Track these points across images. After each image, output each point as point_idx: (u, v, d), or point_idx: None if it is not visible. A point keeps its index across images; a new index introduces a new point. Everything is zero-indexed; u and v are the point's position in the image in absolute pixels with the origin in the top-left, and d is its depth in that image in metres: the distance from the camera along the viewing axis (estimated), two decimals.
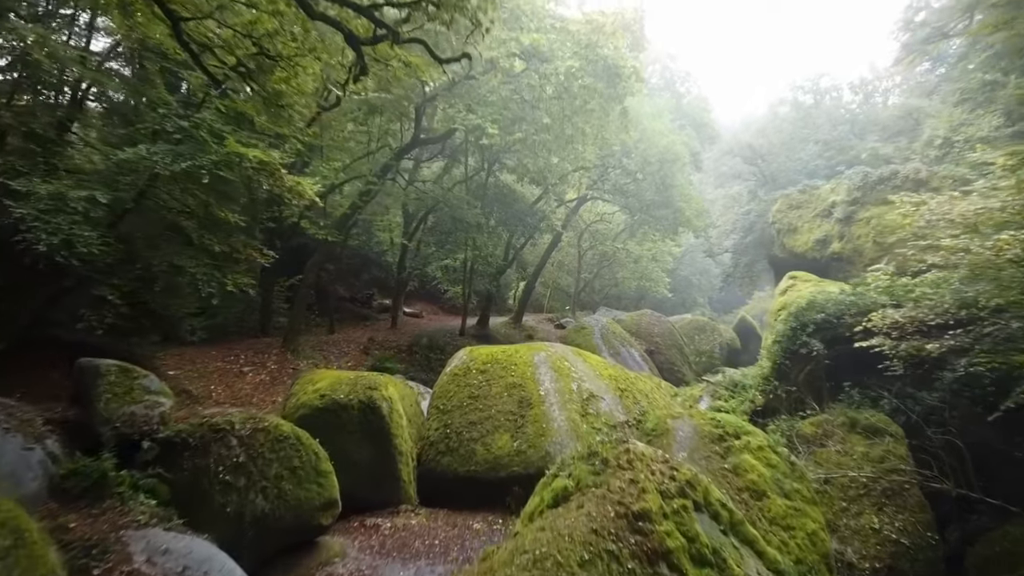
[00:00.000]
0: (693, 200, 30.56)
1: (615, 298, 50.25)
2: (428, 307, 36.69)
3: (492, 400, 11.68)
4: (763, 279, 36.04)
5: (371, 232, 31.47)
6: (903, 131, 30.08)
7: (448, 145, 27.20)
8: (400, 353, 24.03)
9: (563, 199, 31.09)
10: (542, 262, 33.57)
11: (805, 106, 36.09)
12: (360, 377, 11.51)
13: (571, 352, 13.11)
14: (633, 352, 31.33)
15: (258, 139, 13.34)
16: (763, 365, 14.29)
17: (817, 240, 23.24)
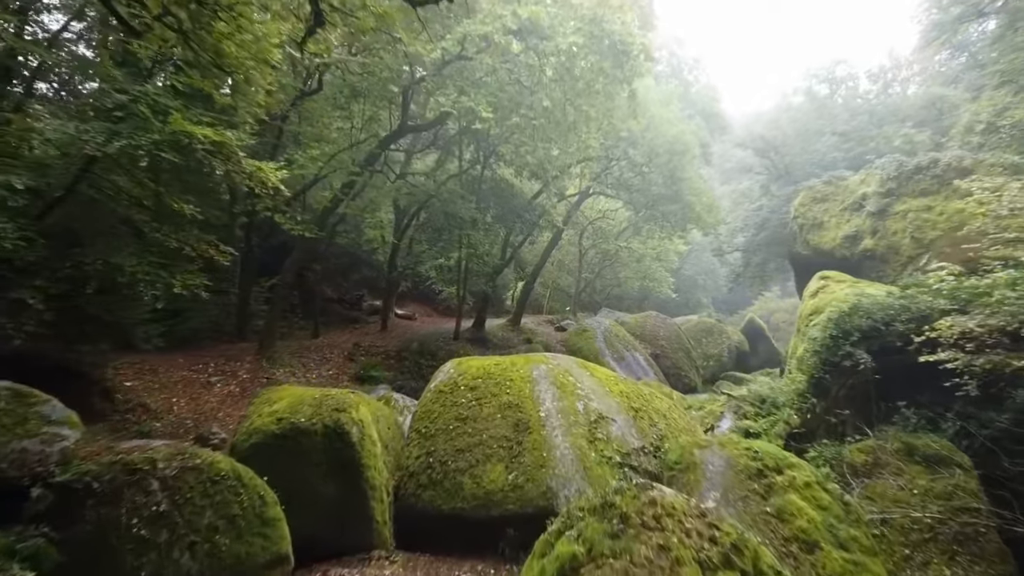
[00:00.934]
0: (704, 194, 28.73)
1: (617, 299, 48.50)
2: (422, 308, 34.92)
3: (483, 423, 9.87)
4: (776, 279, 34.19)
5: (361, 230, 29.69)
6: (926, 121, 28.33)
7: (441, 136, 25.44)
8: (388, 359, 22.25)
9: (564, 194, 29.26)
10: (541, 261, 31.76)
11: (820, 96, 34.27)
12: (326, 396, 9.69)
13: (575, 364, 11.27)
14: (638, 356, 29.60)
15: (215, 119, 11.55)
16: (796, 379, 12.52)
17: (846, 236, 21.22)
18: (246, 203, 18.22)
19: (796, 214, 23.77)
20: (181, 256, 12.23)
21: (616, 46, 17.17)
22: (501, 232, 26.71)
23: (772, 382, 13.79)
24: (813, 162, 29.84)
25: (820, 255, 21.59)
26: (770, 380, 14.09)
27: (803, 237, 22.86)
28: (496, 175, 25.75)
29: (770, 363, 38.45)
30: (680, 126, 27.61)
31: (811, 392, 11.30)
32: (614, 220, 37.76)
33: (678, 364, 31.06)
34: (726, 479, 8.26)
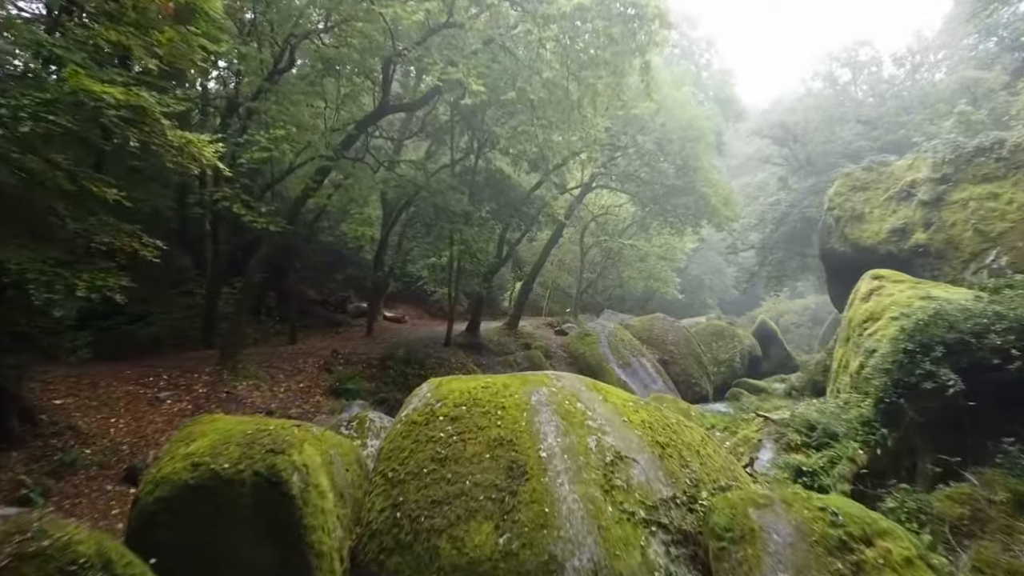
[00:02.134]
0: (720, 185, 26.48)
1: (619, 299, 46.35)
2: (412, 310, 32.72)
3: (467, 465, 7.58)
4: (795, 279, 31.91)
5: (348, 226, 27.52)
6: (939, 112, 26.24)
7: (431, 123, 23.17)
8: (370, 368, 19.98)
9: (565, 186, 26.97)
10: (541, 259, 29.49)
11: (841, 81, 32.03)
12: (261, 432, 7.40)
13: (584, 386, 8.94)
14: (645, 363, 27.45)
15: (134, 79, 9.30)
16: (851, 400, 10.29)
17: (893, 229, 18.69)
18: (202, 192, 16.01)
19: (831, 205, 21.36)
20: (88, 252, 9.94)
21: (627, 10, 14.91)
22: (497, 228, 24.50)
23: (822, 404, 11.51)
24: (837, 151, 27.58)
25: (860, 251, 19.22)
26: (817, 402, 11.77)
27: (840, 231, 20.46)
28: (491, 166, 23.53)
29: (783, 368, 36.23)
30: (694, 110, 25.39)
31: (879, 420, 9.07)
32: (618, 216, 35.51)
33: (688, 371, 28.86)
34: (798, 555, 5.99)
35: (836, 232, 20.60)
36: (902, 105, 28.36)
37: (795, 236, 28.71)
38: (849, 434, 9.38)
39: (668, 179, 24.48)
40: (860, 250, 19.21)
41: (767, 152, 32.20)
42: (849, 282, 19.85)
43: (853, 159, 26.42)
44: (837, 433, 9.82)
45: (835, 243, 20.64)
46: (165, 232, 20.00)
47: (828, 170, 27.55)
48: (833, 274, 22.67)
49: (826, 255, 22.04)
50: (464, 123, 22.22)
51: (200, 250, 20.96)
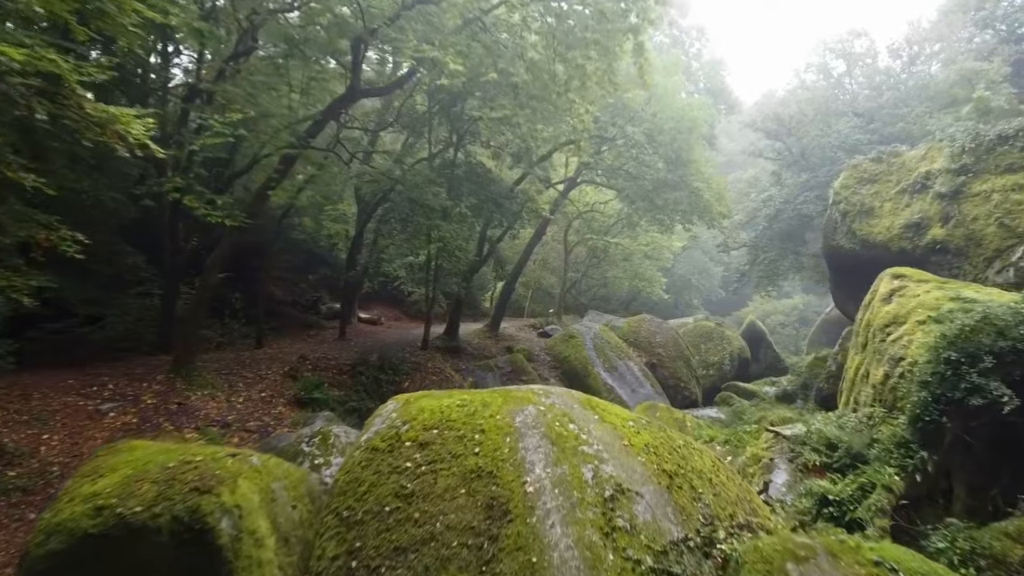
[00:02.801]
0: (713, 180, 25.25)
1: (603, 299, 45.19)
2: (389, 312, 31.36)
3: (438, 503, 6.26)
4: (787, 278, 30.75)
5: (320, 223, 26.12)
6: (958, 101, 25.14)
7: (406, 113, 21.81)
8: (340, 374, 18.61)
9: (550, 180, 25.66)
10: (523, 258, 28.19)
11: (836, 73, 30.87)
12: (185, 464, 6.04)
13: (577, 403, 7.62)
14: (632, 366, 26.29)
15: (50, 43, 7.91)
16: (882, 416, 9.04)
17: (907, 224, 17.30)
18: (150, 182, 14.60)
19: (837, 198, 19.98)
20: None
21: None
22: (477, 225, 23.21)
23: (836, 417, 10.28)
24: (834, 145, 26.41)
25: (870, 248, 17.90)
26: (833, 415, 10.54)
27: (847, 226, 19.06)
28: (472, 159, 22.22)
29: (772, 370, 35.27)
30: (686, 99, 24.18)
31: (917, 441, 7.87)
32: (604, 213, 34.27)
33: (677, 374, 27.73)
34: None
35: (843, 228, 19.28)
36: (899, 97, 27.28)
37: (789, 234, 27.54)
38: (882, 457, 8.15)
39: (658, 173, 23.23)
40: (870, 247, 17.93)
41: (759, 146, 31.00)
42: (857, 282, 18.62)
43: (850, 153, 25.33)
44: (863, 454, 8.61)
45: (841, 240, 19.34)
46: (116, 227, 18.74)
47: (824, 165, 26.42)
48: (838, 274, 21.32)
49: (831, 253, 20.67)
50: (443, 114, 20.93)
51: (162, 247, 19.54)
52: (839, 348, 17.87)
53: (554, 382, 23.94)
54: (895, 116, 26.27)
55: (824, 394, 17.70)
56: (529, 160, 20.62)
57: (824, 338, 38.54)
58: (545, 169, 25.47)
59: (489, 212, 21.67)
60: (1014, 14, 26.38)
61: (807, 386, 25.91)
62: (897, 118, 26.07)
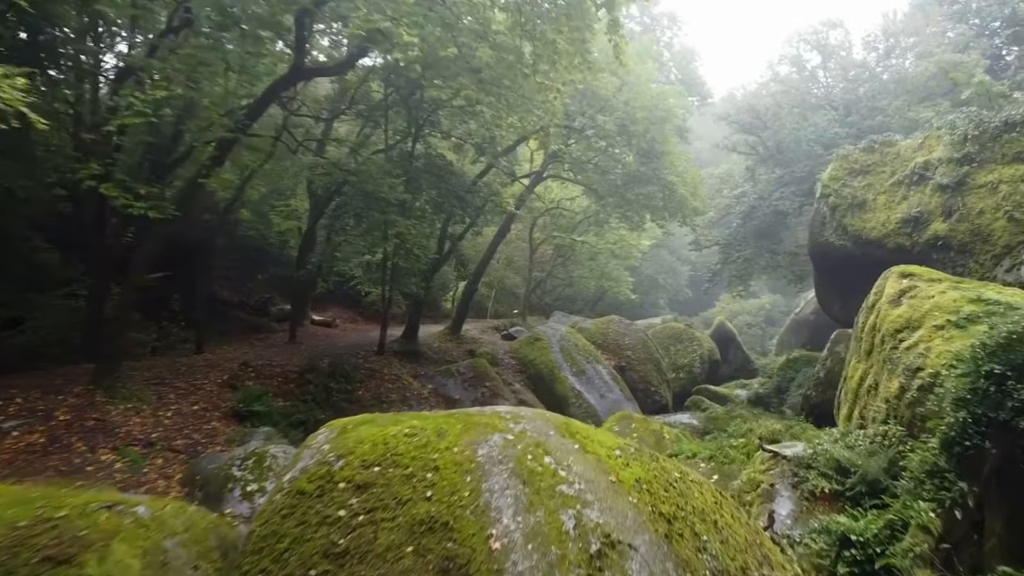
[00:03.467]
0: (688, 174, 24.08)
1: (569, 299, 44.02)
2: (345, 313, 29.74)
3: (378, 565, 4.81)
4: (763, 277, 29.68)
5: (269, 219, 24.51)
6: (935, 93, 24.40)
7: (361, 99, 20.28)
8: (287, 383, 17.04)
9: (514, 174, 24.27)
10: (487, 256, 26.76)
11: (810, 66, 29.96)
12: (40, 524, 4.53)
13: (553, 429, 6.12)
14: (600, 370, 25.10)
15: None
16: (898, 435, 7.82)
17: (904, 219, 15.87)
18: (64, 168, 12.95)
19: (826, 191, 18.89)
20: None
21: None
22: (438, 221, 21.79)
23: (841, 435, 9.05)
24: (811, 139, 25.41)
25: (863, 245, 16.58)
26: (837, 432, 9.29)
27: (837, 222, 17.66)
28: (432, 151, 20.79)
29: (742, 372, 34.42)
30: (660, 87, 22.96)
31: (954, 470, 6.67)
32: (571, 210, 33.02)
33: (647, 378, 26.58)
34: None
35: (832, 223, 17.90)
36: (876, 90, 26.42)
37: (764, 231, 26.49)
38: (911, 489, 6.93)
39: (629, 166, 22.00)
40: (863, 244, 16.63)
41: (732, 141, 29.95)
42: (847, 281, 17.50)
43: (828, 147, 24.42)
44: (880, 481, 7.41)
45: (831, 236, 17.97)
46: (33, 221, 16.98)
47: (801, 160, 25.44)
48: (825, 272, 19.98)
49: (818, 250, 19.19)
50: (401, 103, 19.50)
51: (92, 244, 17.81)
52: (828, 352, 16.71)
53: (519, 387, 22.68)
54: (873, 109, 25.39)
55: (813, 402, 16.54)
56: (493, 151, 19.29)
57: (794, 339, 37.83)
58: (510, 162, 24.15)
59: (450, 207, 20.25)
60: (988, 8, 25.76)
61: (782, 390, 24.98)
62: (875, 111, 25.19)
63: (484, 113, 17.17)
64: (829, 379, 15.66)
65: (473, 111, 17.14)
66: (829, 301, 19.79)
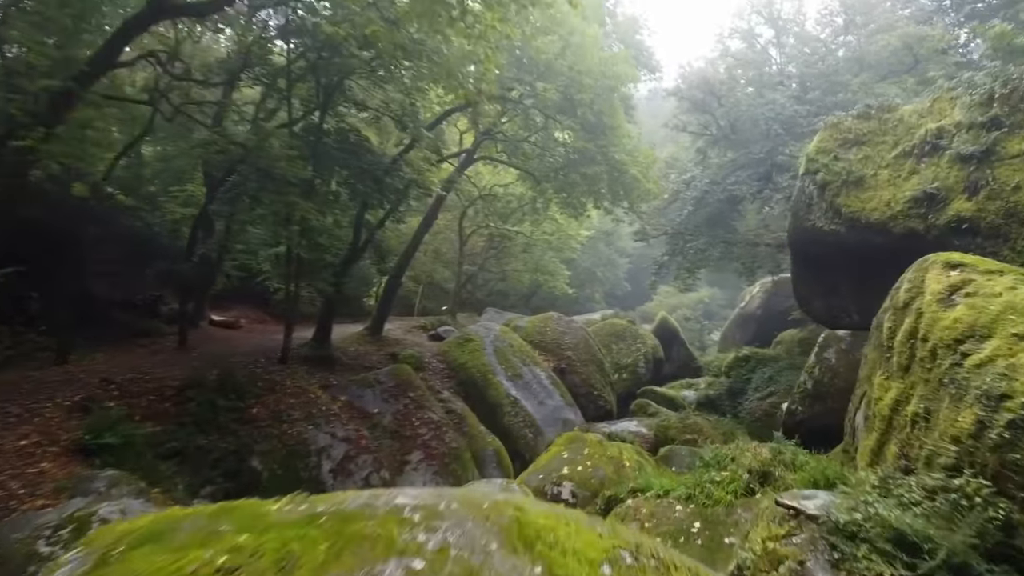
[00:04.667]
0: (639, 152, 21.63)
1: (502, 294, 41.44)
2: (252, 313, 26.48)
3: None
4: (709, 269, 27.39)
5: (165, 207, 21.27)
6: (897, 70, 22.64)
7: (259, 60, 17.14)
8: (161, 401, 13.88)
9: (440, 152, 21.39)
10: (411, 248, 23.84)
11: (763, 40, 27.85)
12: None
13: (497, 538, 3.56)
14: (539, 373, 22.65)
15: None
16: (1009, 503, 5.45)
17: (915, 198, 12.89)
18: None
19: (812, 166, 15.93)
20: None
21: None
22: (353, 208, 18.88)
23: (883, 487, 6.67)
24: (768, 117, 23.23)
25: (862, 230, 13.88)
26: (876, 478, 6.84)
27: (828, 202, 14.63)
28: (345, 125, 17.84)
29: (686, 370, 32.53)
30: (607, 54, 20.37)
31: None
32: (503, 197, 30.38)
33: (590, 381, 24.21)
34: None
35: (820, 204, 15.16)
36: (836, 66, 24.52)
37: (717, 219, 24.29)
38: None
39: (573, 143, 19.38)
40: (862, 228, 13.78)
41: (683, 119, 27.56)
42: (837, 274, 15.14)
43: (787, 126, 22.40)
44: (975, 568, 5.04)
45: (819, 219, 14.87)
46: None
47: (758, 140, 23.26)
48: (807, 264, 16.98)
49: (801, 237, 16.79)
50: (308, 68, 16.55)
51: None
52: (816, 359, 14.47)
53: (448, 395, 19.99)
54: (835, 84, 23.40)
55: (798, 418, 14.24)
56: (415, 124, 16.46)
57: (739, 334, 36.20)
58: (438, 140, 21.40)
59: (368, 191, 17.32)
60: None
61: (735, 392, 23.04)
62: (837, 86, 23.20)
63: (403, 77, 14.41)
64: (818, 391, 13.47)
65: (391, 75, 14.39)
66: (810, 297, 17.37)
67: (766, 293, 35.15)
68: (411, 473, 15.91)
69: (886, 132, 14.41)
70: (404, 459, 16.13)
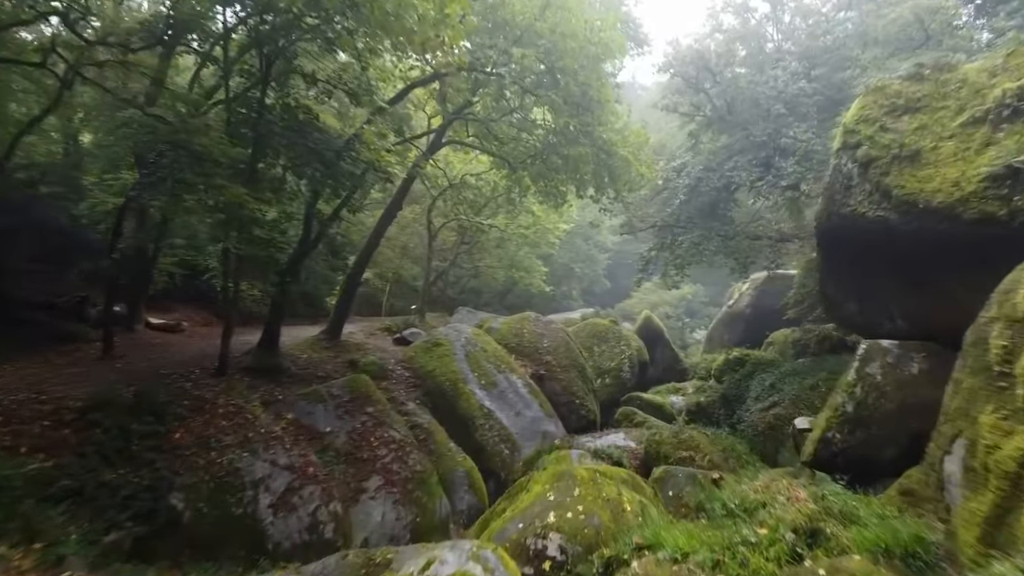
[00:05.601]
0: (630, 131, 19.33)
1: (474, 292, 39.21)
2: (198, 315, 24.00)
3: None
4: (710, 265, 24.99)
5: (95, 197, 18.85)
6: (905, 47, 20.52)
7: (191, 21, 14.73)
8: (58, 427, 11.45)
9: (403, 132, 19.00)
10: (373, 242, 21.35)
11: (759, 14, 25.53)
12: None
13: None
14: (515, 381, 20.52)
15: None
16: None
17: (992, 176, 10.14)
18: None
19: (851, 140, 13.09)
20: None
21: None
22: (304, 193, 16.53)
23: None
24: (770, 96, 20.90)
25: (919, 216, 11.12)
26: None
27: (872, 183, 12.18)
28: (292, 101, 15.42)
29: (671, 373, 30.59)
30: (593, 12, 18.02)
31: None
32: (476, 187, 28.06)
33: (571, 388, 22.07)
34: None
35: (864, 186, 12.46)
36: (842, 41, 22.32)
37: (712, 210, 21.92)
38: None
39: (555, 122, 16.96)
40: (919, 214, 11.05)
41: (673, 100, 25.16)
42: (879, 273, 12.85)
43: (790, 105, 20.22)
44: None
45: (861, 204, 12.52)
46: None
47: (758, 121, 20.92)
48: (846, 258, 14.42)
49: (838, 226, 13.99)
50: (249, 34, 14.23)
51: None
52: (856, 376, 12.01)
53: (413, 407, 17.75)
54: (844, 59, 21.23)
55: (835, 448, 11.86)
56: (370, 95, 14.14)
57: (727, 334, 34.26)
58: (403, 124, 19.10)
59: (315, 174, 14.94)
60: None
61: (730, 400, 20.98)
62: (846, 61, 21.05)
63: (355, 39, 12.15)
64: (861, 416, 11.21)
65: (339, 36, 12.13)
66: (841, 300, 14.82)
67: (756, 290, 33.16)
68: (368, 503, 13.65)
69: (946, 96, 12.02)
70: (360, 486, 13.84)
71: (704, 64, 22.51)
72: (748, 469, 14.80)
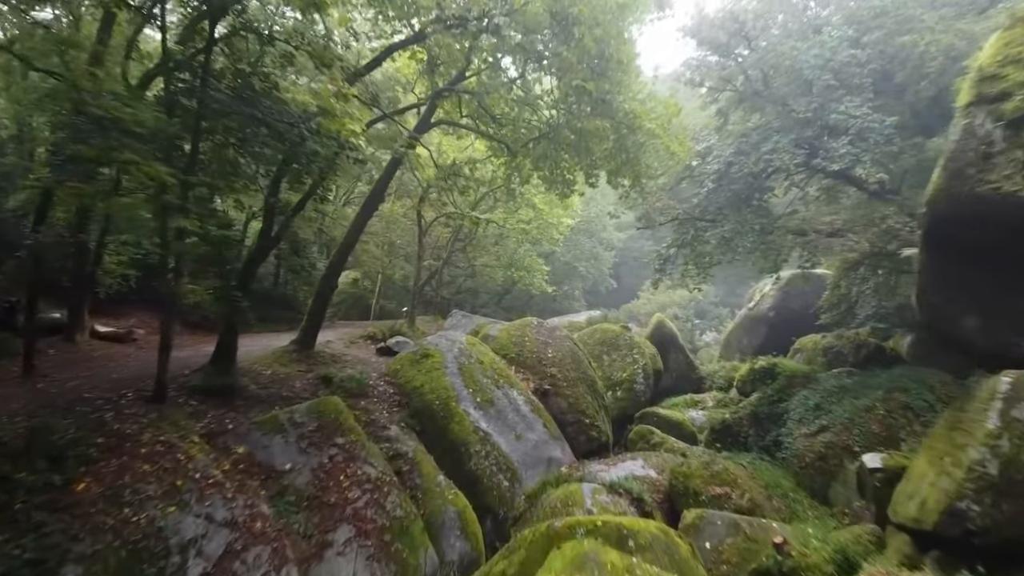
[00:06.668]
0: (656, 100, 16.39)
1: (470, 293, 36.49)
2: (155, 321, 21.07)
3: None
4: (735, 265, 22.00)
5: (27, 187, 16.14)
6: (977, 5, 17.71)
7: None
8: None
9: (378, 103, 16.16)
10: (351, 238, 18.50)
11: None
12: None
13: None
14: (515, 397, 17.90)
15: None
16: None
17: None
18: None
19: (993, 88, 9.56)
20: None
21: None
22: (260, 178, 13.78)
23: None
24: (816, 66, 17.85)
25: None
26: None
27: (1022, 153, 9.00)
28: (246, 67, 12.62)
29: (685, 381, 27.83)
30: None
31: None
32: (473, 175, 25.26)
33: (578, 405, 19.34)
34: None
35: (1016, 153, 9.13)
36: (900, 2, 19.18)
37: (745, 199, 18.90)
38: None
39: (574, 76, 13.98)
40: None
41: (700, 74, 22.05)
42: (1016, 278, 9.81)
43: (840, 76, 17.23)
44: None
45: (1007, 181, 9.13)
46: None
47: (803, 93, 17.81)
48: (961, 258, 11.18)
49: (968, 213, 10.60)
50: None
51: None
52: (1002, 423, 8.86)
53: (397, 432, 15.05)
54: (905, 20, 18.16)
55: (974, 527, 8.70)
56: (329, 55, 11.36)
57: (747, 339, 31.52)
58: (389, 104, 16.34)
59: (272, 154, 12.17)
60: None
61: (762, 420, 18.23)
62: (906, 22, 17.94)
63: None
64: (1011, 481, 8.21)
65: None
66: (955, 311, 11.63)
67: (780, 292, 30.32)
68: (334, 560, 10.98)
69: None
70: (324, 539, 11.12)
71: (738, 28, 19.51)
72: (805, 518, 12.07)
